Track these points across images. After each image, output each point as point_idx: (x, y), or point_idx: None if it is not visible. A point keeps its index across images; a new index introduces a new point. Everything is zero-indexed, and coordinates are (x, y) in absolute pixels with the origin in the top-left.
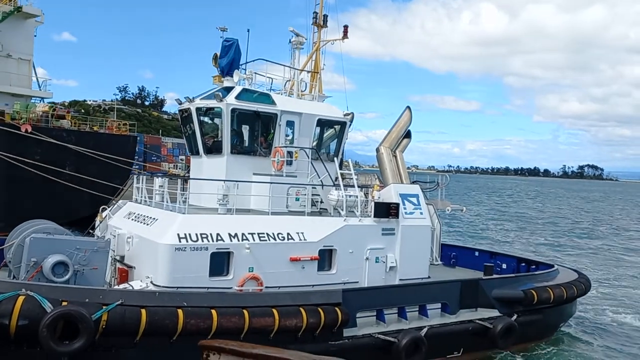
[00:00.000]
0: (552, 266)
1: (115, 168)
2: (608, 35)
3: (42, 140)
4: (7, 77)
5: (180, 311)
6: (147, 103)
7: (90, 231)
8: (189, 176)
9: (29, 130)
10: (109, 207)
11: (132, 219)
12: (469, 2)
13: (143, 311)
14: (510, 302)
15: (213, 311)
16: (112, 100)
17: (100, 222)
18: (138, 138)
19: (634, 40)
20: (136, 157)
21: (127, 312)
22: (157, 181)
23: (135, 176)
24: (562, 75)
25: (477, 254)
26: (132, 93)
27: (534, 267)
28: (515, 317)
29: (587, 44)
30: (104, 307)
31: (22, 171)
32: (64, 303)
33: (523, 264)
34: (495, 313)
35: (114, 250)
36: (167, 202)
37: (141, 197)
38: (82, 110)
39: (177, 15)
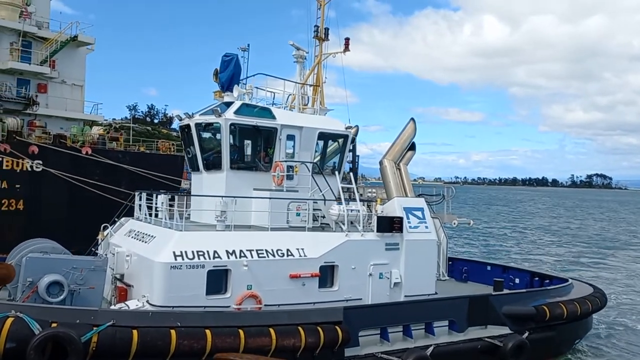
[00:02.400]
0: (566, 280)
1: (166, 187)
2: (611, 43)
3: (100, 161)
4: (62, 102)
5: (173, 332)
6: (156, 121)
7: (93, 249)
8: (184, 193)
9: (89, 152)
10: (110, 225)
11: (132, 237)
12: (470, 15)
13: (135, 332)
14: (521, 319)
15: (207, 331)
16: (122, 119)
17: (102, 240)
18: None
19: (638, 49)
20: None
21: (118, 333)
22: (160, 198)
23: (136, 193)
24: (566, 84)
25: (489, 268)
26: (142, 111)
27: (547, 281)
28: (526, 334)
29: (590, 53)
30: (95, 328)
31: (83, 191)
32: (54, 325)
33: (537, 279)
34: (505, 330)
35: (112, 269)
36: (165, 219)
37: (142, 214)
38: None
39: (176, 32)
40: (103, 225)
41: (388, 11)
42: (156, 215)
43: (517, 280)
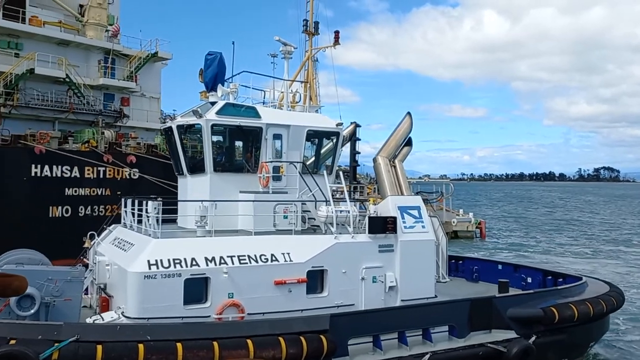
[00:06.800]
0: (580, 279)
1: None
2: (613, 35)
3: None
4: (143, 114)
5: (141, 346)
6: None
7: (82, 257)
8: (161, 198)
9: None
10: (98, 233)
11: (115, 245)
12: (469, 10)
13: (99, 347)
14: (528, 322)
15: (179, 344)
16: None
17: (89, 249)
18: None
19: None
20: None
21: (80, 349)
22: (150, 204)
23: (123, 199)
24: (569, 77)
25: (500, 267)
26: None
27: (561, 280)
28: (533, 338)
29: (592, 45)
30: (56, 344)
31: (173, 195)
32: (12, 342)
33: (549, 277)
34: (511, 335)
35: (95, 279)
36: (144, 225)
37: (129, 221)
38: None
39: (169, 31)
40: (90, 233)
41: (386, 9)
42: (140, 222)
43: (529, 280)
